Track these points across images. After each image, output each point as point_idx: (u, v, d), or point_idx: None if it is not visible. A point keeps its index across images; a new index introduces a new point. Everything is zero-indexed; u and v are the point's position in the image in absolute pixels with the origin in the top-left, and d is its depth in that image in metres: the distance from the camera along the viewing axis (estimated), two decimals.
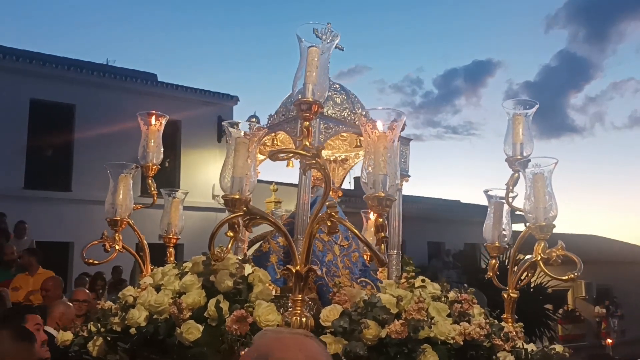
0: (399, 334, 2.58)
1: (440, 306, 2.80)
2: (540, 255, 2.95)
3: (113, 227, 3.58)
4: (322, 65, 2.74)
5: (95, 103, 15.75)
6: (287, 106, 3.51)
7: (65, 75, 15.66)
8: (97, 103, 15.77)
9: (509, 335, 2.81)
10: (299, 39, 2.76)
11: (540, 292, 14.73)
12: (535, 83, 66.81)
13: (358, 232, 2.62)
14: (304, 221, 3.09)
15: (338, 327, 2.60)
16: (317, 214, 2.57)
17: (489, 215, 3.45)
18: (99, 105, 15.76)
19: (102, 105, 15.77)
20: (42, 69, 15.34)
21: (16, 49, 15.90)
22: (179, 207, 3.85)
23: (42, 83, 15.18)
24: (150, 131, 3.67)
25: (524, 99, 3.36)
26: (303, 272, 2.58)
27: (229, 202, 2.58)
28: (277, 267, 3.40)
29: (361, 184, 2.54)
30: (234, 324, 2.56)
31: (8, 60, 14.90)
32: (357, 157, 4.10)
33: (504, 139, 3.31)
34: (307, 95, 2.67)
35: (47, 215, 13.94)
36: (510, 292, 3.24)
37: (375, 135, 2.55)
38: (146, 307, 2.87)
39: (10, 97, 14.59)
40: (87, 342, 3.14)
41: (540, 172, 2.96)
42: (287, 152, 2.77)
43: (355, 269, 3.57)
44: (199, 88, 18.02)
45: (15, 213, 11.79)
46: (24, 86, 14.89)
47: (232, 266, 2.85)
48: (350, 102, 3.54)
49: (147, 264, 3.61)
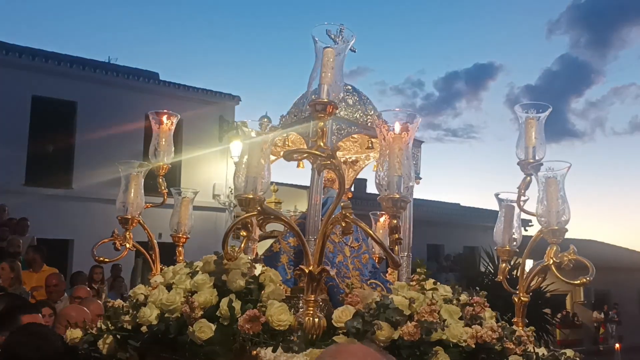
0: (412, 335, 2.58)
1: (453, 309, 2.79)
2: (552, 259, 2.95)
3: (124, 225, 3.57)
4: (338, 67, 2.74)
5: (97, 101, 15.78)
6: (299, 107, 3.51)
7: (68, 72, 15.69)
8: (99, 101, 15.81)
9: (521, 339, 2.81)
10: (314, 40, 2.76)
11: (538, 297, 14.74)
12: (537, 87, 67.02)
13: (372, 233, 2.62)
14: (316, 222, 3.09)
15: (351, 328, 2.59)
16: (331, 215, 2.57)
17: (499, 219, 3.45)
18: (101, 103, 15.80)
19: (104, 103, 15.82)
20: (45, 65, 15.37)
21: (19, 45, 15.92)
22: (188, 206, 3.84)
23: (45, 80, 15.20)
24: (162, 130, 3.67)
25: (536, 102, 3.35)
26: (316, 273, 2.58)
27: (242, 201, 2.59)
28: (288, 268, 3.39)
29: (375, 185, 2.54)
30: (247, 324, 2.55)
31: (11, 57, 14.94)
32: (367, 158, 4.09)
33: (516, 143, 3.30)
34: (322, 96, 2.67)
35: (47, 212, 13.94)
36: (521, 295, 3.24)
37: (391, 137, 2.55)
38: (157, 305, 2.86)
39: (13, 94, 14.61)
40: (96, 340, 3.13)
41: (554, 175, 2.96)
42: (301, 152, 2.77)
43: (365, 271, 3.56)
44: (201, 87, 18.07)
45: (15, 209, 11.78)
46: (26, 83, 14.92)
47: (244, 265, 2.85)
48: (363, 104, 3.54)
49: (156, 263, 3.61)
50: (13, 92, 14.62)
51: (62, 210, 14.74)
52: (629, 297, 26.20)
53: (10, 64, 14.81)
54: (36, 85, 15.09)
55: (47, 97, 15.29)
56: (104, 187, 13.50)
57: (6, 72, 14.64)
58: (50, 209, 14.23)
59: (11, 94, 14.57)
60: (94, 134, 15.21)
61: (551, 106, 3.30)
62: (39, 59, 15.37)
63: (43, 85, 15.18)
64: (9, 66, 14.78)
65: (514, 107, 3.41)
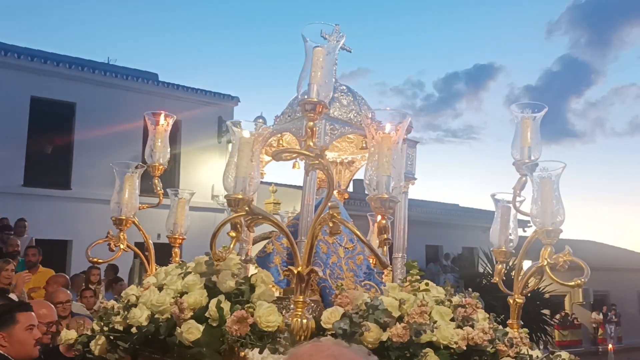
0: (401, 337, 2.55)
1: (444, 310, 2.77)
2: (546, 260, 2.92)
3: (118, 226, 3.55)
4: (327, 66, 2.72)
5: (96, 102, 15.76)
6: (293, 107, 3.48)
7: (67, 73, 15.66)
8: (98, 102, 15.79)
9: (514, 341, 2.78)
10: (304, 39, 2.73)
11: (537, 298, 14.71)
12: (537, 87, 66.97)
13: (361, 234, 2.59)
14: (308, 223, 3.06)
15: (338, 329, 2.57)
16: (320, 215, 2.55)
17: (495, 220, 3.42)
18: (100, 104, 15.77)
19: (103, 104, 15.79)
20: (43, 66, 15.33)
21: (18, 46, 15.90)
22: (184, 207, 3.82)
23: (43, 81, 15.17)
24: (158, 131, 3.65)
25: (532, 102, 3.32)
26: (305, 274, 2.56)
27: (231, 201, 2.56)
28: (281, 269, 3.37)
29: (364, 185, 2.51)
30: (234, 325, 2.53)
31: (9, 58, 14.90)
32: (363, 159, 4.06)
33: (511, 143, 3.28)
34: (311, 96, 2.65)
35: (46, 213, 13.91)
36: (516, 297, 3.21)
37: (380, 136, 2.52)
38: (148, 306, 2.85)
39: (11, 95, 14.59)
40: (90, 340, 3.12)
41: (548, 176, 2.94)
42: (290, 152, 2.75)
43: (359, 272, 3.53)
44: (200, 88, 18.04)
45: (14, 210, 11.75)
46: (24, 83, 14.89)
47: (234, 266, 2.83)
48: (357, 104, 3.51)
49: (151, 264, 3.59)
50: (12, 93, 14.60)
51: (61, 211, 14.71)
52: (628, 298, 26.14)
53: (8, 65, 14.77)
54: (35, 86, 15.06)
55: (45, 98, 15.25)
56: (102, 187, 13.45)
57: (5, 73, 14.61)
58: (48, 210, 14.20)
59: (10, 94, 14.54)
60: (92, 134, 15.19)
61: (547, 106, 3.28)
62: (38, 60, 15.33)
63: (41, 86, 15.15)
64: (8, 67, 14.74)
65: (510, 107, 3.40)
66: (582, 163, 71.48)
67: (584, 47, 73.74)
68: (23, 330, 3.51)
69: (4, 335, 3.45)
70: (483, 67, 75.52)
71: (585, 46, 74.01)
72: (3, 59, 14.78)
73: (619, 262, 26.66)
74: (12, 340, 3.47)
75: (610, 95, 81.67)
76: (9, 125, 14.42)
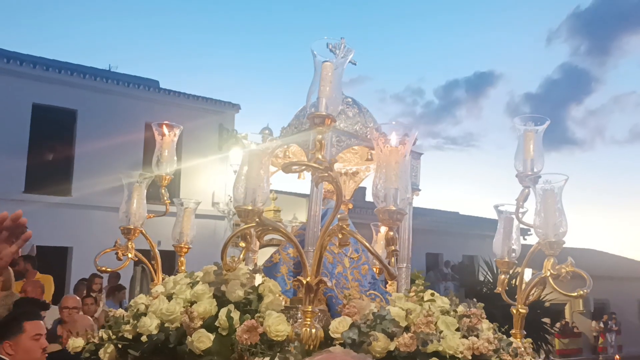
0: (408, 347, 2.60)
1: (449, 320, 2.81)
2: (549, 271, 2.97)
3: (126, 235, 3.60)
4: (336, 80, 2.77)
5: (97, 109, 15.82)
6: (299, 119, 3.54)
7: (68, 80, 15.70)
8: (99, 109, 15.84)
9: (518, 351, 2.82)
10: (313, 54, 2.79)
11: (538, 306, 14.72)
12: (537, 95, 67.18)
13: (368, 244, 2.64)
14: (315, 233, 3.11)
15: (347, 339, 2.61)
16: (329, 227, 2.60)
17: (498, 231, 3.47)
18: (101, 111, 15.83)
19: (104, 111, 15.85)
20: (45, 73, 15.38)
21: (20, 53, 15.98)
22: (190, 216, 3.87)
23: (45, 88, 15.24)
24: (165, 142, 3.70)
25: (535, 115, 3.38)
26: (313, 284, 2.60)
27: (242, 213, 2.61)
28: (287, 278, 3.42)
29: (372, 197, 2.56)
30: (244, 334, 2.58)
31: (11, 65, 14.95)
32: (367, 170, 4.12)
33: (514, 155, 3.34)
34: (320, 109, 2.70)
35: (46, 220, 13.91)
36: (520, 307, 3.26)
37: (387, 149, 2.57)
38: (158, 315, 2.89)
39: (13, 101, 14.65)
40: (98, 349, 3.15)
41: (551, 188, 2.99)
42: (300, 164, 2.79)
43: (364, 282, 3.58)
44: (201, 95, 18.07)
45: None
46: (26, 90, 14.95)
47: (243, 276, 2.88)
48: (362, 116, 3.57)
49: (158, 273, 3.64)
50: (13, 100, 14.66)
51: (62, 217, 14.73)
52: (628, 306, 26.18)
53: (10, 72, 14.82)
54: (36, 93, 15.11)
55: (47, 105, 15.31)
56: (103, 194, 13.53)
57: (7, 80, 14.67)
58: (49, 217, 14.22)
59: (11, 101, 14.60)
60: (93, 141, 15.23)
61: (549, 119, 3.34)
62: (40, 67, 15.38)
63: (43, 93, 15.21)
64: (10, 74, 14.80)
65: (513, 119, 3.46)
66: (582, 171, 71.69)
67: (584, 55, 74.06)
68: (30, 339, 3.55)
69: (10, 343, 3.49)
70: (483, 75, 75.88)
71: (585, 54, 74.35)
72: (5, 66, 14.84)
73: (619, 270, 26.70)
74: (19, 349, 3.50)
75: (610, 103, 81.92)
76: (10, 132, 14.48)
